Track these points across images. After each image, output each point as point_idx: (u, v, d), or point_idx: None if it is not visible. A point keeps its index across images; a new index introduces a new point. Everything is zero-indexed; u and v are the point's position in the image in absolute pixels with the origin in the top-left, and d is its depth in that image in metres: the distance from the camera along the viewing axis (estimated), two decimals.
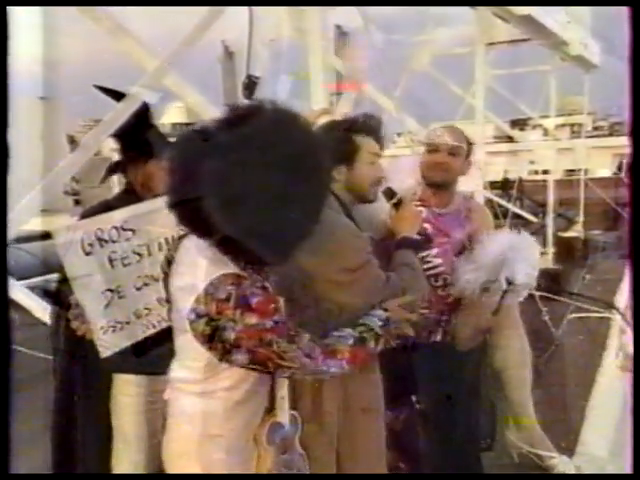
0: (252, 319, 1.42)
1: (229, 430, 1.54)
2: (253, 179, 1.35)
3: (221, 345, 1.43)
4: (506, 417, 2.50)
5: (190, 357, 1.52)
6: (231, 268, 1.44)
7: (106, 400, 1.99)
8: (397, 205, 2.01)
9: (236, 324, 1.41)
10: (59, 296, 1.92)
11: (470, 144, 2.52)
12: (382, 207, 2.05)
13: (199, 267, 1.46)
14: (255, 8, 2.56)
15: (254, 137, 1.38)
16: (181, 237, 1.59)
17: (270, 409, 1.66)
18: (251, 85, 2.50)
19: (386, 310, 1.71)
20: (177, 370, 1.57)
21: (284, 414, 1.67)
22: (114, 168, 2.14)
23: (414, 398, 2.28)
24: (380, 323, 1.67)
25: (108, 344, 1.78)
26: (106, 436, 1.98)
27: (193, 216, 1.39)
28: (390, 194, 2.02)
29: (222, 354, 1.45)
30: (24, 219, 2.50)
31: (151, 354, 1.79)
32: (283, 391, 1.66)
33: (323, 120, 2.32)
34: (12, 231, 2.43)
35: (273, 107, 1.44)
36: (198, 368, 1.50)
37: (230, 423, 1.54)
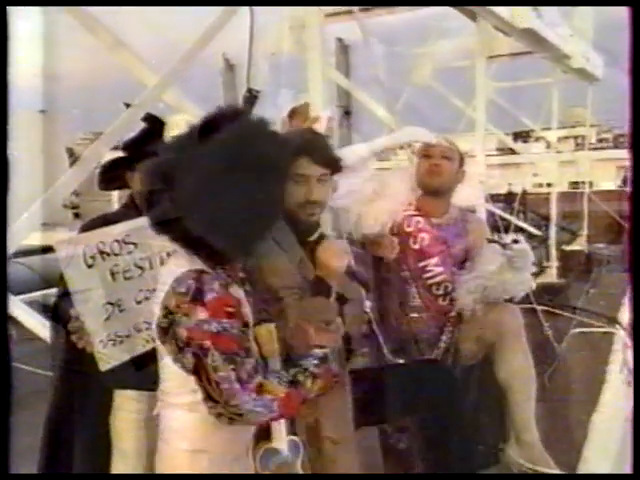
0: (202, 314, 1.42)
1: (213, 445, 1.52)
2: (215, 180, 1.42)
3: (174, 342, 1.45)
4: (508, 433, 2.49)
5: (168, 366, 1.52)
6: (199, 265, 1.48)
7: (105, 416, 1.99)
8: (318, 242, 1.83)
9: (189, 320, 1.42)
10: (58, 311, 1.92)
11: (461, 154, 2.58)
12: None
13: (171, 268, 1.53)
14: (256, 20, 2.60)
15: (221, 143, 1.44)
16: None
17: (267, 434, 1.64)
18: (252, 99, 2.52)
19: (322, 347, 1.60)
20: (161, 382, 1.57)
21: (281, 440, 1.64)
22: (113, 170, 2.12)
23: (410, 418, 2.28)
24: (315, 362, 1.56)
25: (107, 357, 1.78)
26: (104, 452, 1.97)
27: (164, 219, 1.46)
28: (310, 230, 1.91)
29: (175, 353, 1.45)
30: (25, 234, 2.52)
31: (151, 369, 1.79)
32: None
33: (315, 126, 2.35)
34: (13, 246, 2.46)
35: (238, 114, 1.52)
36: (177, 378, 1.50)
37: (213, 437, 1.52)
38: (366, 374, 2.17)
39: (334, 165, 1.95)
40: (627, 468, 1.49)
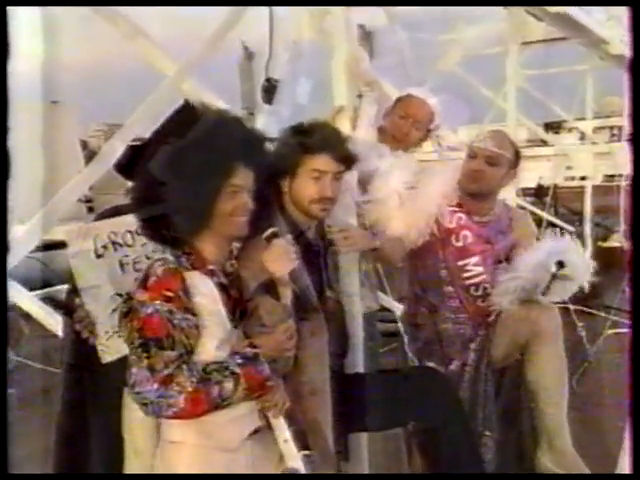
0: (141, 297, 1.48)
1: (186, 437, 1.56)
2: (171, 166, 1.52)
3: (127, 325, 1.51)
4: (539, 438, 2.47)
5: None
6: (166, 254, 1.58)
7: (118, 413, 2.01)
8: (269, 239, 1.80)
9: (132, 302, 1.50)
10: (69, 306, 1.95)
11: (518, 153, 2.49)
12: None
13: None
14: (276, 8, 2.61)
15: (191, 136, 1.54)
16: None
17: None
18: (271, 88, 2.53)
19: (255, 347, 1.58)
20: None
21: (294, 458, 1.65)
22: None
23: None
24: (240, 361, 1.53)
25: (111, 350, 1.81)
26: (118, 448, 2.00)
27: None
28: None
29: (126, 336, 1.52)
30: (40, 231, 2.56)
31: None
32: (285, 434, 1.64)
33: (340, 118, 2.35)
34: (31, 243, 2.51)
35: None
36: None
37: (190, 429, 1.55)
38: (362, 380, 2.17)
39: (351, 162, 1.97)
40: None
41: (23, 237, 2.77)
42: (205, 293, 1.57)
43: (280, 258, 1.72)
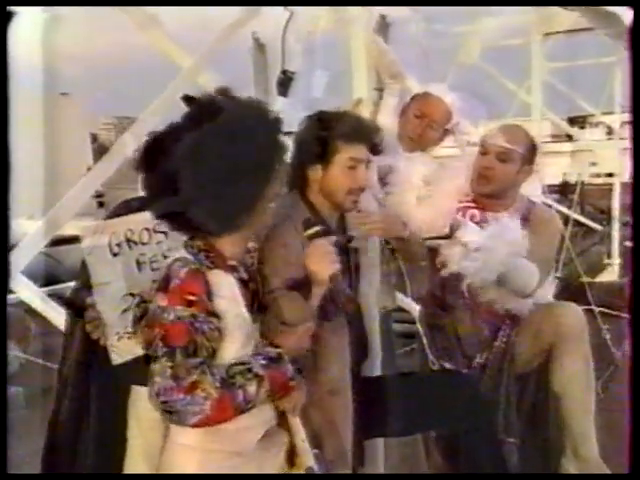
0: (162, 301, 1.46)
1: (198, 441, 1.56)
2: (205, 160, 1.48)
3: (144, 330, 1.51)
4: (564, 445, 2.44)
5: None
6: (180, 255, 1.55)
7: (122, 413, 2.01)
8: (311, 238, 1.78)
9: (152, 307, 1.49)
10: (75, 301, 1.94)
11: (534, 148, 2.42)
12: None
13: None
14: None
15: (215, 130, 1.50)
16: None
17: (291, 454, 1.68)
18: (286, 81, 2.53)
19: (277, 347, 1.58)
20: None
21: (309, 457, 1.67)
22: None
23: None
24: (263, 362, 1.52)
25: (121, 351, 1.80)
26: (119, 450, 2.00)
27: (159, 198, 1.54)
28: (308, 224, 1.82)
29: (145, 342, 1.50)
30: (54, 227, 2.58)
31: None
32: (302, 433, 1.66)
33: (359, 111, 2.34)
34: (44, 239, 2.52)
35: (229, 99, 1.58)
36: None
37: (202, 432, 1.54)
38: (383, 383, 2.15)
39: (378, 152, 1.97)
40: None
41: (36, 233, 2.78)
42: (228, 295, 1.55)
43: (323, 260, 1.71)
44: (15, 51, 1.34)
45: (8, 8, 1.38)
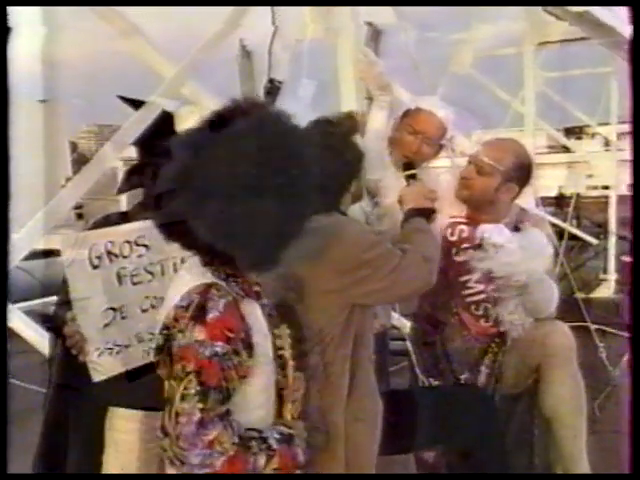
0: (200, 335, 1.38)
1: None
2: (233, 180, 1.37)
3: (169, 359, 1.41)
4: (553, 466, 2.46)
5: None
6: (209, 279, 1.45)
7: (99, 435, 1.99)
8: (410, 178, 2.19)
9: (184, 336, 1.39)
10: (56, 320, 1.93)
11: (522, 166, 2.42)
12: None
13: (180, 281, 1.51)
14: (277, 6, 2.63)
15: (236, 138, 1.40)
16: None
17: None
18: (274, 89, 2.55)
19: (290, 428, 1.54)
20: None
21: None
22: (133, 174, 2.14)
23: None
24: (277, 436, 1.49)
25: (102, 368, 1.79)
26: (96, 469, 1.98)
27: (175, 225, 1.43)
28: (407, 166, 2.24)
29: (168, 371, 1.42)
30: (33, 240, 2.57)
31: (147, 385, 1.70)
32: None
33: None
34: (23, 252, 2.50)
35: (254, 107, 1.47)
36: None
37: None
38: (395, 397, 2.17)
39: None
40: None
41: (16, 244, 2.76)
42: (258, 327, 1.50)
43: (423, 193, 2.09)
44: None
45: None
